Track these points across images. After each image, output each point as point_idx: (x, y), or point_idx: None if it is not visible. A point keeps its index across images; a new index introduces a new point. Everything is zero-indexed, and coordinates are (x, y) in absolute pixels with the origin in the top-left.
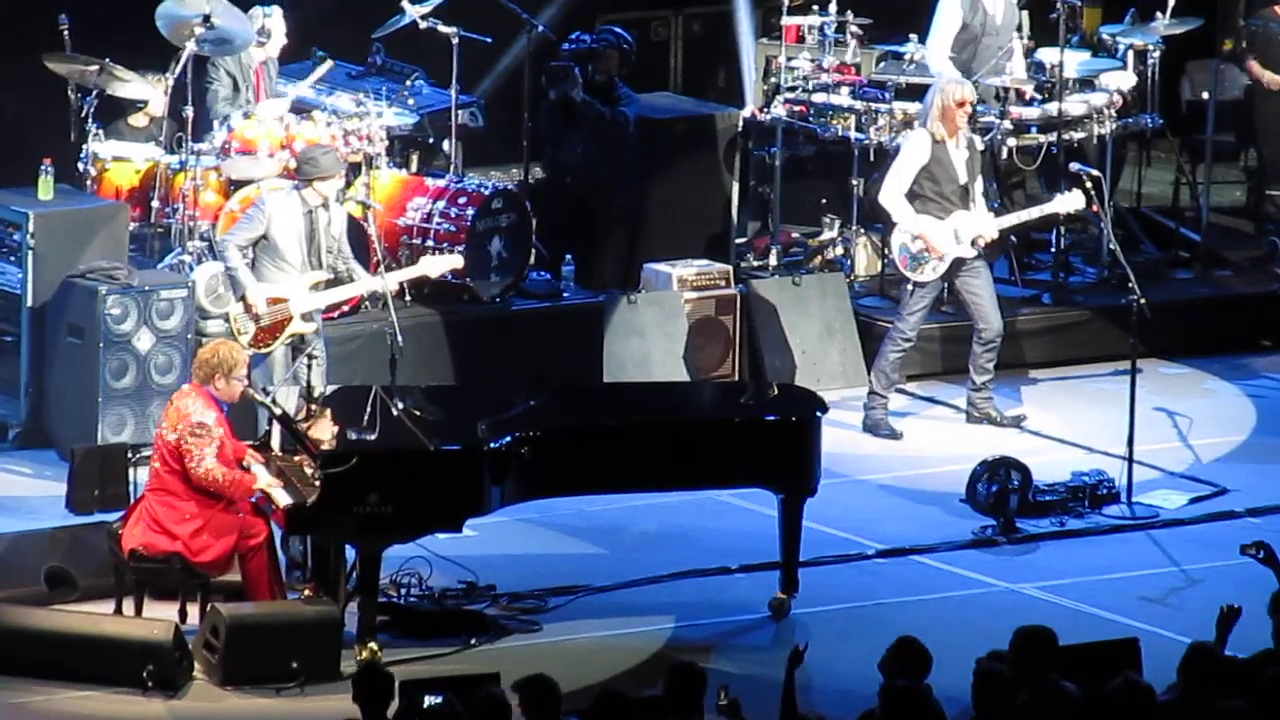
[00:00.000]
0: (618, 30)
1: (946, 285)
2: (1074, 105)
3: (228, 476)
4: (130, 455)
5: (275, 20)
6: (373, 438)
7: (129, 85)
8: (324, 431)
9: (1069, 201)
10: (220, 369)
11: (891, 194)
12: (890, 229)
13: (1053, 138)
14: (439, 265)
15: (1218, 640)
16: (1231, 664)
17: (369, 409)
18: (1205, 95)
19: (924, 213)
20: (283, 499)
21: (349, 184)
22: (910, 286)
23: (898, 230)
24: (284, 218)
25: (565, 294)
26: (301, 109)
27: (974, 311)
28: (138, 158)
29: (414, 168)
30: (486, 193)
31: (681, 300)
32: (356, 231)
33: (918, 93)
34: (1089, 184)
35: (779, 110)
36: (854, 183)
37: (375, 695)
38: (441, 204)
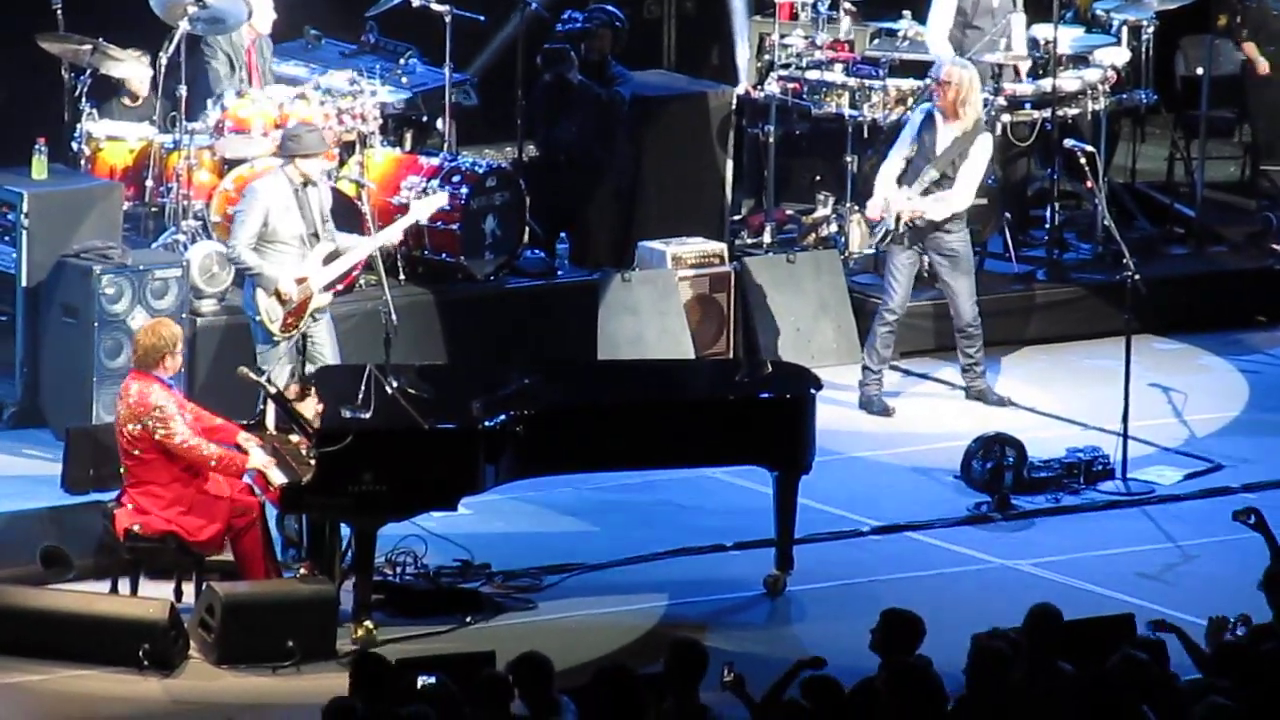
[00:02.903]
0: (610, 9)
1: (926, 261)
2: (1068, 81)
3: (219, 453)
4: None
5: None
6: (367, 416)
7: (122, 64)
8: (309, 409)
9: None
10: (167, 348)
11: (882, 170)
12: None
13: (1047, 114)
14: (426, 207)
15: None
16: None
17: (363, 388)
18: (1199, 71)
19: (902, 184)
20: (278, 478)
21: (342, 163)
22: (886, 260)
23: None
24: (277, 200)
25: (559, 272)
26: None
27: (948, 300)
28: (131, 137)
29: (408, 146)
30: (480, 171)
31: (676, 278)
32: (351, 211)
33: (911, 70)
34: (1083, 160)
35: (773, 87)
36: (848, 160)
37: (375, 684)
38: (435, 182)
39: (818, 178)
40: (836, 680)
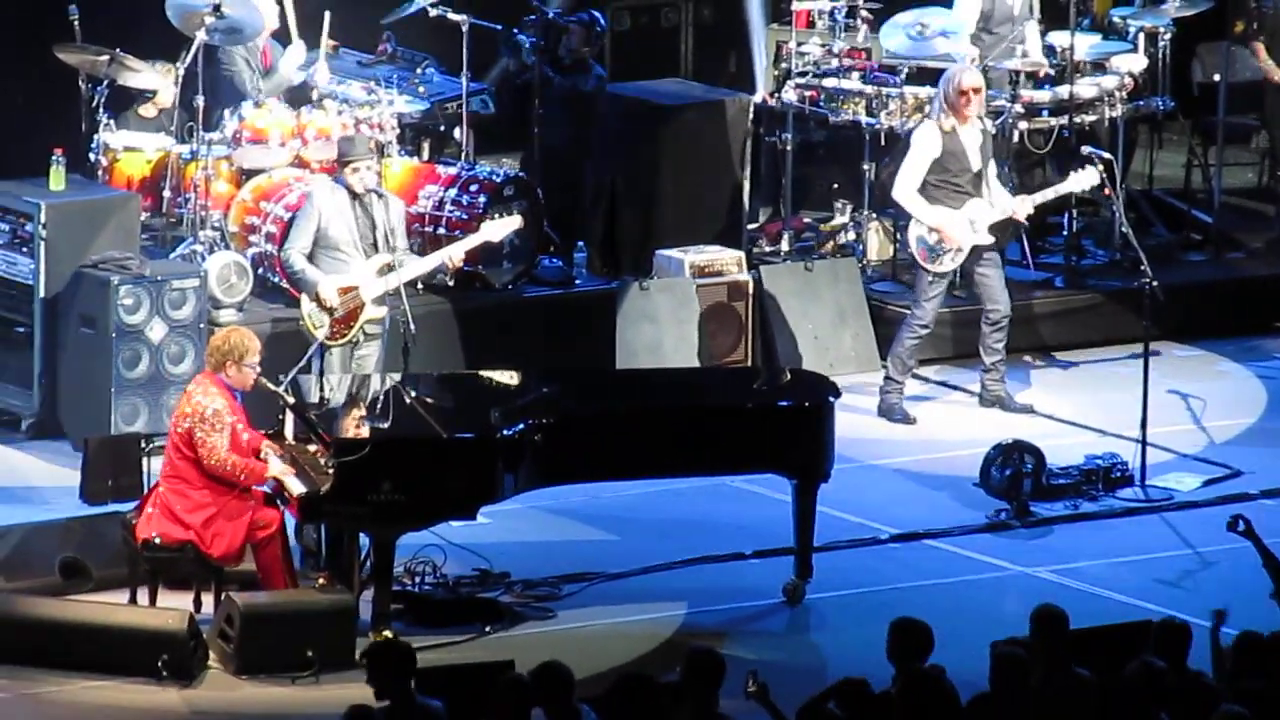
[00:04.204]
0: (593, 12)
1: (958, 269)
2: (1085, 88)
3: (240, 464)
4: (143, 445)
5: None
6: (386, 426)
7: (140, 75)
8: (347, 422)
9: (1084, 179)
10: (231, 356)
11: (905, 190)
12: (906, 218)
13: (1064, 121)
14: (500, 229)
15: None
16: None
17: (382, 397)
18: (1216, 77)
19: (937, 203)
20: (296, 487)
21: None
22: (930, 276)
23: (914, 222)
24: (334, 209)
25: (577, 281)
26: (306, 98)
27: (982, 292)
28: (149, 147)
29: (425, 156)
30: (498, 180)
31: (694, 287)
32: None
33: (928, 77)
34: (1100, 167)
35: (790, 95)
36: (865, 167)
37: (392, 671)
38: (453, 191)
39: (835, 185)
40: (870, 689)
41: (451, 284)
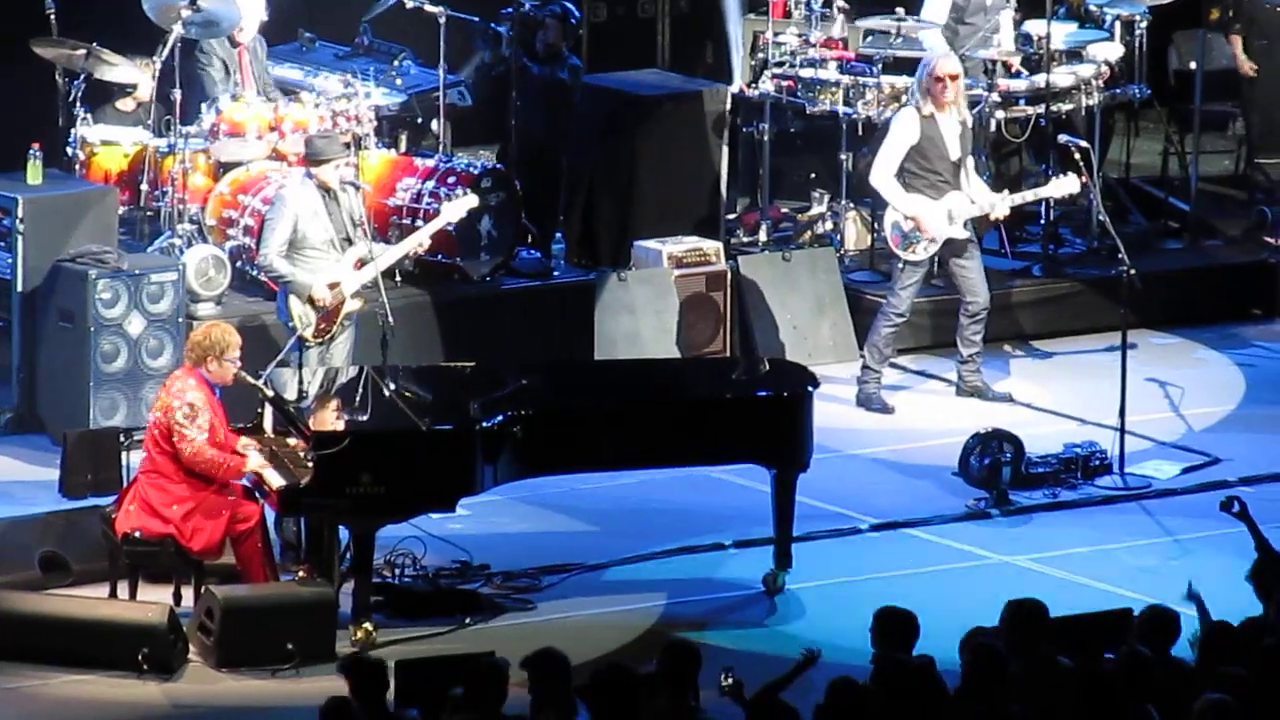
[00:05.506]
0: (566, 4)
1: (936, 259)
2: (1061, 77)
3: (218, 458)
4: (122, 439)
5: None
6: (365, 418)
7: (117, 69)
8: (326, 414)
9: (1064, 185)
10: (212, 351)
11: (881, 175)
12: (883, 206)
13: (1041, 110)
14: (458, 208)
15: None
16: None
17: (361, 389)
18: (1192, 65)
19: (915, 191)
20: (276, 481)
21: None
22: (901, 264)
23: (890, 209)
24: (305, 206)
25: (556, 273)
26: (288, 90)
27: (961, 284)
28: (126, 141)
29: (403, 148)
30: (475, 172)
31: (672, 277)
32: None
33: (905, 67)
34: (1077, 155)
35: (767, 86)
36: (842, 157)
37: (371, 685)
38: (431, 184)
39: (813, 175)
40: (858, 682)
41: (415, 270)
